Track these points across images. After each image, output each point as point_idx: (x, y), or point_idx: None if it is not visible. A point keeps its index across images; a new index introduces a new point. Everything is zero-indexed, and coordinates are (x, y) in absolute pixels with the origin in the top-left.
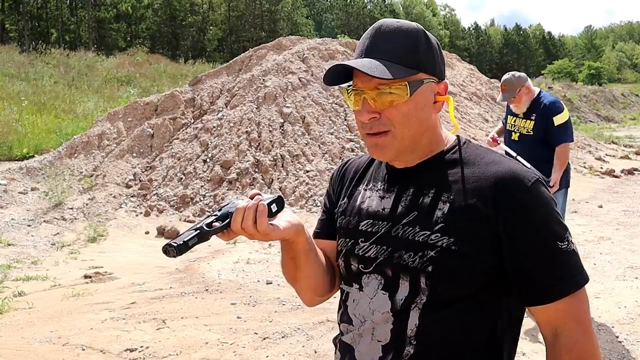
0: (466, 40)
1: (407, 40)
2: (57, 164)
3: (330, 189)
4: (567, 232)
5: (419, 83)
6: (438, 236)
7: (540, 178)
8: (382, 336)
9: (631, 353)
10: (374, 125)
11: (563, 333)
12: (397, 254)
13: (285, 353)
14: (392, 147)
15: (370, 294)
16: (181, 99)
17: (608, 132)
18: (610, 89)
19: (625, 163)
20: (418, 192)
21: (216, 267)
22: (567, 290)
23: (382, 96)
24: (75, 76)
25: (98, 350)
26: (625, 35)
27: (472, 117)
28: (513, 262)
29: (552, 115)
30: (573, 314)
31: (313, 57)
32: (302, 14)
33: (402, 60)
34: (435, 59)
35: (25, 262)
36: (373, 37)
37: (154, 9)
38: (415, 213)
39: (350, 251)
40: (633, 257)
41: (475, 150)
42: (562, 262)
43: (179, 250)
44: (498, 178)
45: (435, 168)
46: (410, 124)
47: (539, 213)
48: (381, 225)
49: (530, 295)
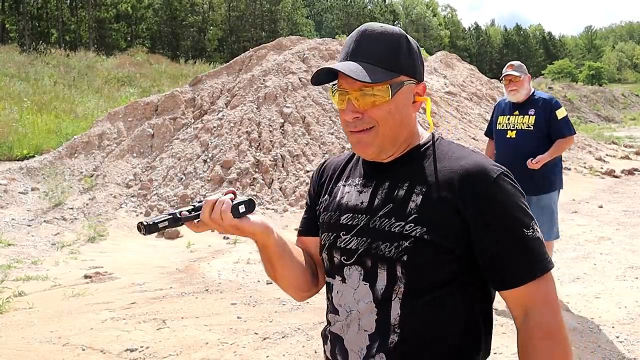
0: (466, 41)
1: (390, 45)
2: (57, 164)
3: (311, 188)
4: (532, 221)
5: (400, 85)
6: (412, 226)
7: (504, 172)
8: (368, 326)
9: (631, 353)
10: (357, 123)
11: (532, 313)
12: (375, 245)
13: (286, 353)
14: (375, 144)
15: (354, 285)
16: (181, 99)
17: (608, 132)
18: (611, 89)
19: (625, 163)
20: (393, 185)
21: (216, 267)
22: (534, 275)
23: (365, 97)
24: (75, 76)
25: (98, 351)
26: (625, 36)
27: (473, 117)
28: (482, 250)
29: (555, 109)
30: (541, 296)
31: (313, 57)
32: (302, 14)
33: (385, 63)
34: (415, 62)
35: (25, 262)
36: (357, 41)
37: (154, 9)
38: (390, 205)
39: (332, 244)
40: (633, 257)
41: (447, 146)
42: (528, 248)
43: (148, 229)
44: (465, 171)
45: (409, 162)
46: (391, 122)
47: (503, 203)
48: (360, 218)
49: (500, 280)
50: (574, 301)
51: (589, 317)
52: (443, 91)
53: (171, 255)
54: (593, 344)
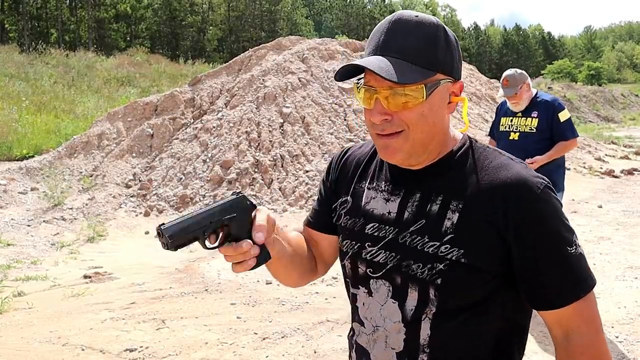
0: (466, 41)
1: (425, 38)
2: (56, 164)
3: (327, 177)
4: (574, 236)
5: (436, 84)
6: (448, 248)
7: (548, 183)
8: (396, 344)
9: (631, 353)
10: (385, 126)
11: (575, 335)
12: (406, 263)
13: (285, 353)
14: (404, 149)
15: (381, 300)
16: (181, 99)
17: (608, 132)
18: (610, 89)
19: (624, 163)
20: (425, 198)
21: (216, 267)
22: (578, 295)
23: (396, 97)
24: (75, 76)
25: (98, 351)
26: (625, 36)
27: (472, 117)
28: (523, 269)
29: (557, 111)
30: (584, 317)
31: (313, 57)
32: (301, 14)
33: (419, 60)
34: (453, 58)
35: (25, 262)
36: (389, 32)
37: (153, 9)
38: (423, 221)
39: (357, 254)
40: (633, 257)
41: (483, 152)
42: (571, 267)
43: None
44: (507, 185)
45: (442, 172)
46: (424, 126)
47: (548, 220)
48: (388, 230)
49: (542, 300)
50: None
51: None
52: None
53: (170, 255)
54: None
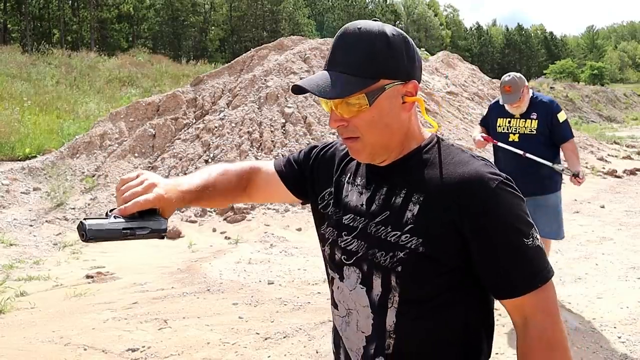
0: (468, 41)
1: (365, 48)
2: (59, 164)
3: (311, 153)
4: (532, 229)
5: (380, 90)
6: (407, 237)
7: (504, 179)
8: (365, 328)
9: (633, 354)
10: (343, 131)
11: (532, 322)
12: (372, 251)
13: (287, 353)
14: (365, 151)
15: (351, 286)
16: (183, 99)
17: (610, 132)
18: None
19: (627, 163)
20: (391, 191)
21: (218, 267)
22: (535, 286)
23: (344, 106)
24: (77, 76)
25: (100, 350)
26: (627, 35)
27: (474, 117)
28: (481, 262)
29: (556, 112)
30: (541, 306)
31: (315, 57)
32: (303, 14)
33: (359, 70)
34: (397, 61)
35: (27, 262)
36: (335, 47)
37: (155, 9)
38: (387, 212)
39: (335, 242)
40: (635, 257)
41: (447, 149)
42: (527, 259)
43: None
44: (464, 180)
45: (407, 167)
46: (376, 130)
47: (503, 215)
48: (360, 220)
49: (499, 290)
50: (575, 301)
51: (590, 317)
52: (444, 91)
53: (172, 255)
54: (595, 344)
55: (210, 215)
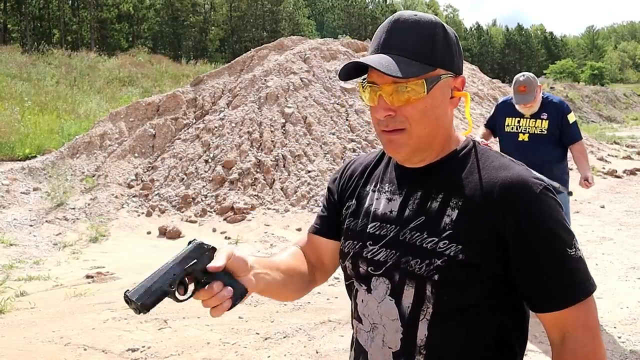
0: (468, 41)
1: (424, 35)
2: (59, 164)
3: (333, 185)
4: (574, 239)
5: (437, 79)
6: (446, 243)
7: (548, 185)
8: (393, 343)
9: (633, 354)
10: (389, 122)
11: (571, 338)
12: (405, 259)
13: (287, 353)
14: (408, 145)
15: (379, 298)
16: (183, 99)
17: (610, 132)
18: (613, 89)
19: (627, 163)
20: (426, 195)
21: None
22: (577, 299)
23: (399, 93)
24: (77, 76)
25: (100, 350)
26: (627, 35)
27: (474, 117)
28: (521, 270)
29: (566, 113)
30: (581, 321)
31: (315, 58)
32: (303, 14)
33: (419, 56)
34: (453, 53)
35: (27, 262)
36: (389, 31)
37: (155, 9)
38: (423, 218)
39: (358, 254)
40: (635, 257)
41: (485, 154)
42: (570, 270)
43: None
44: (506, 185)
45: (444, 171)
46: (426, 122)
47: (546, 221)
48: (389, 228)
49: (539, 302)
50: None
51: None
52: None
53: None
54: None
55: (211, 216)
